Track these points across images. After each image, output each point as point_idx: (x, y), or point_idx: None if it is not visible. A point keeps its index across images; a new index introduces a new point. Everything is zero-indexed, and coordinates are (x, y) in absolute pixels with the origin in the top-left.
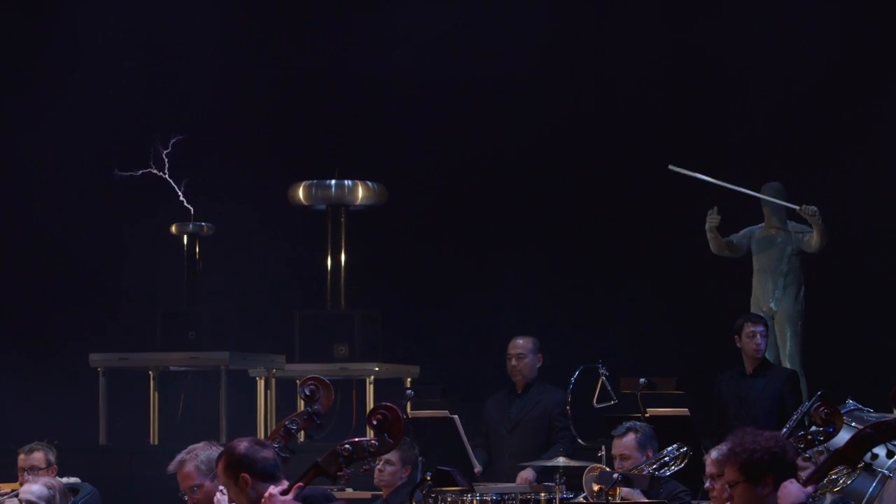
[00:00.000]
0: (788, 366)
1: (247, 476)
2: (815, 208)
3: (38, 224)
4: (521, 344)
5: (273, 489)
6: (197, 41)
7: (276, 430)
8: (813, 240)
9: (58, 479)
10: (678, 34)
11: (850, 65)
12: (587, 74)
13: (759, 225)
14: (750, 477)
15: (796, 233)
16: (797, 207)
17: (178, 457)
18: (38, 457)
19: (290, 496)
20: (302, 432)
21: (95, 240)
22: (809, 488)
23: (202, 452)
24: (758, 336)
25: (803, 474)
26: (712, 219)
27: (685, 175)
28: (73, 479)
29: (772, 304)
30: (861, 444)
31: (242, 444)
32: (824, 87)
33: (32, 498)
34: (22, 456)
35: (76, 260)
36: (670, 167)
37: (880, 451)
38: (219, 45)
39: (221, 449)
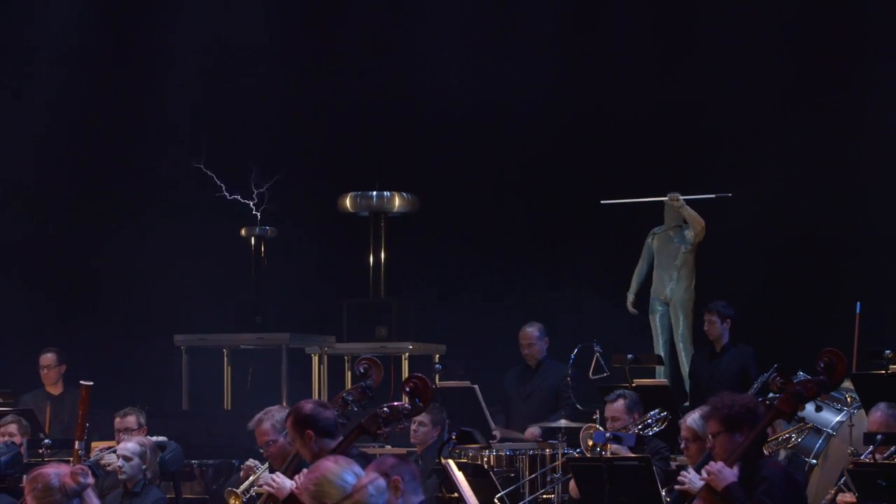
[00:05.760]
0: (681, 343)
1: (311, 432)
2: (678, 194)
3: (134, 228)
4: (529, 332)
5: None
6: (263, 79)
7: (334, 400)
8: (691, 230)
9: (148, 437)
10: (662, 72)
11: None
12: (585, 103)
13: (660, 226)
14: (729, 427)
15: (686, 229)
16: (713, 196)
17: (257, 416)
18: (131, 420)
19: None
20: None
21: (180, 241)
22: (735, 469)
23: (277, 413)
24: (706, 323)
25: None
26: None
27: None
28: (160, 438)
29: (667, 293)
30: (793, 400)
31: (308, 405)
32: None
33: (128, 453)
34: (117, 419)
35: (165, 258)
36: (602, 202)
37: (809, 406)
38: (281, 82)
39: None
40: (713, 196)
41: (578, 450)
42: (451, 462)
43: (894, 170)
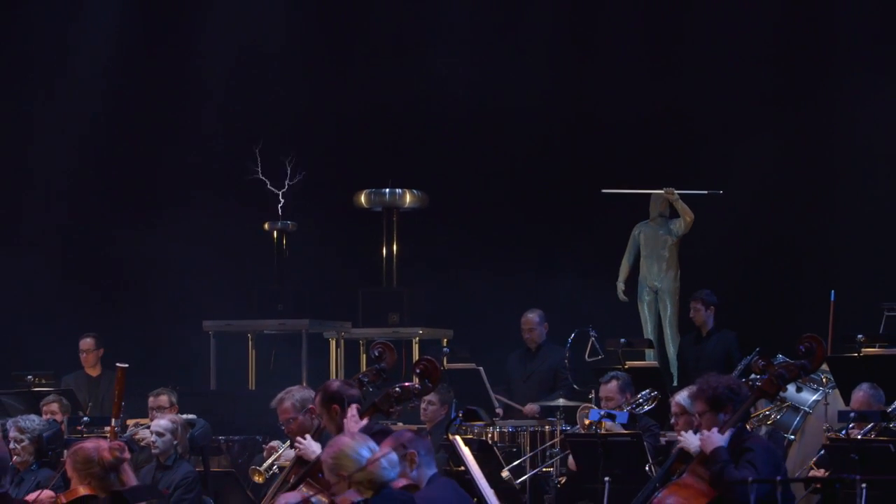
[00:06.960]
0: (669, 328)
1: (337, 407)
2: (673, 189)
3: (167, 222)
4: (530, 318)
5: (352, 410)
6: (287, 86)
7: (351, 381)
8: (681, 222)
9: (179, 415)
10: (656, 76)
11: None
12: (582, 104)
13: (645, 220)
14: (713, 407)
15: (671, 222)
16: (705, 192)
17: (279, 395)
18: (164, 399)
19: (364, 421)
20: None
21: (209, 235)
22: (727, 434)
23: (297, 393)
24: (692, 310)
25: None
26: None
27: (617, 193)
28: (190, 416)
29: (657, 283)
30: (776, 381)
31: (335, 384)
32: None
33: (160, 429)
34: (151, 398)
35: (195, 251)
36: (602, 191)
37: (790, 387)
38: (303, 90)
39: (312, 391)
40: (705, 192)
41: (576, 427)
42: (458, 438)
43: (864, 171)
